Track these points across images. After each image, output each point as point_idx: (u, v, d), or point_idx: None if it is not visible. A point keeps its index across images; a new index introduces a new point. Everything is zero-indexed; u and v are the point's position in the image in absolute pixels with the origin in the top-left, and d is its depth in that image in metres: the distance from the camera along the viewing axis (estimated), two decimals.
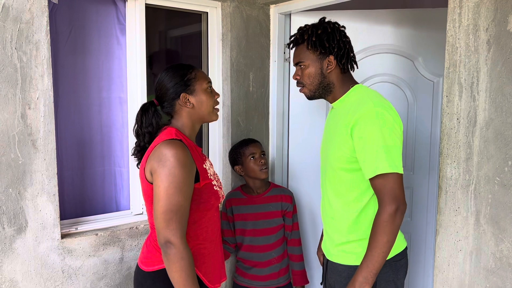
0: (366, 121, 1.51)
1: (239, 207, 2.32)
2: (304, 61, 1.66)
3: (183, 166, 1.46)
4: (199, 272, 1.60)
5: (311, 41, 1.63)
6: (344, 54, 1.64)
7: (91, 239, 1.95)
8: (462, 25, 1.56)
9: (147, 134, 1.63)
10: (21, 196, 1.74)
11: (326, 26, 1.65)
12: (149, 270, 1.59)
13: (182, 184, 1.45)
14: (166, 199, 1.44)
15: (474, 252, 1.58)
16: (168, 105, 1.64)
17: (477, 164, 1.55)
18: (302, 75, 1.68)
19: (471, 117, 1.56)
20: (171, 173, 1.44)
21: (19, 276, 1.77)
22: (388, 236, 1.48)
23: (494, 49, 1.48)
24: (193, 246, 1.57)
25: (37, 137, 1.76)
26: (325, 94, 1.70)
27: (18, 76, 1.70)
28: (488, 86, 1.50)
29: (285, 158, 2.62)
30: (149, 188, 1.54)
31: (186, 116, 1.63)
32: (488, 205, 1.53)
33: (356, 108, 1.56)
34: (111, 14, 2.15)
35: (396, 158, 1.50)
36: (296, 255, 2.36)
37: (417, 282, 2.52)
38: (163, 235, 1.44)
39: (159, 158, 1.47)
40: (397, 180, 1.49)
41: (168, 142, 1.50)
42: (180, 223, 1.45)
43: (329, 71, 1.64)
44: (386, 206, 1.48)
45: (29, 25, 1.72)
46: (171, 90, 1.61)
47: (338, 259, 1.70)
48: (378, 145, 1.48)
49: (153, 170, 1.49)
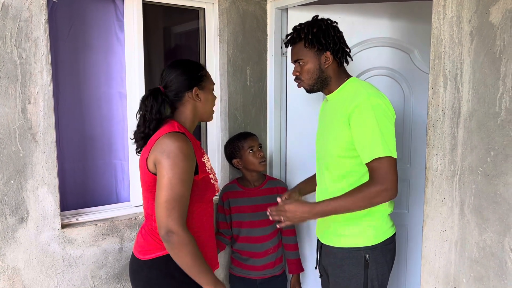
0: (362, 110, 1.61)
1: (236, 200, 2.36)
2: (302, 58, 1.74)
3: (187, 158, 1.52)
4: None
5: (308, 39, 1.71)
6: (340, 48, 1.74)
7: (90, 229, 2.02)
8: (446, 17, 1.57)
9: (154, 121, 1.62)
10: (22, 187, 1.82)
11: (320, 24, 1.73)
12: (145, 258, 1.64)
13: (185, 175, 1.51)
14: (169, 189, 1.49)
15: (459, 242, 1.60)
16: (175, 95, 1.65)
17: (461, 155, 1.57)
18: (301, 71, 1.77)
19: (455, 108, 1.57)
20: (175, 164, 1.50)
21: (21, 264, 1.85)
22: (360, 203, 1.61)
23: (477, 40, 1.49)
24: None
25: (37, 131, 1.84)
26: (322, 88, 1.79)
27: (18, 72, 1.77)
28: (471, 77, 1.51)
29: (283, 151, 2.66)
30: (150, 178, 1.59)
31: (190, 109, 1.68)
32: (472, 195, 1.55)
33: (352, 99, 1.65)
34: (110, 11, 2.21)
35: (390, 143, 1.60)
36: (292, 244, 2.43)
37: (414, 273, 2.53)
38: (164, 224, 1.49)
39: (163, 150, 1.52)
40: (391, 163, 1.59)
41: (172, 134, 1.55)
42: (181, 212, 1.50)
43: (327, 66, 1.73)
44: (376, 184, 1.58)
45: (28, 22, 1.79)
46: (185, 81, 1.65)
47: (331, 242, 1.79)
48: (374, 132, 1.59)
49: (157, 161, 1.53)
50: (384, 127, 1.59)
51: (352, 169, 1.71)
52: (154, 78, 2.42)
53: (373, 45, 2.44)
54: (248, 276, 2.36)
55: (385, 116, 1.61)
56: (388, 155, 1.58)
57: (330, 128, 1.77)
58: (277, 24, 2.52)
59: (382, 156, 1.58)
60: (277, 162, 2.64)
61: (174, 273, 1.60)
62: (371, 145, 1.59)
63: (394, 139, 1.62)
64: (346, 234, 1.74)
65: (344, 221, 1.74)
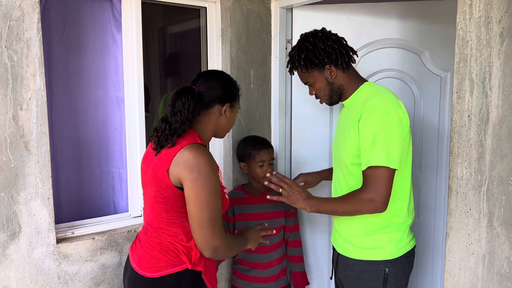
0: (368, 115, 1.58)
1: (241, 207, 2.26)
2: (309, 81, 1.77)
3: (215, 172, 1.49)
4: (205, 277, 1.57)
5: (302, 65, 1.73)
6: (338, 56, 1.70)
7: (87, 244, 1.89)
8: (473, 17, 1.48)
9: (187, 122, 1.51)
10: (13, 201, 1.68)
11: (306, 45, 1.71)
12: (154, 276, 1.52)
13: (217, 190, 1.49)
14: (209, 207, 1.46)
15: (487, 256, 1.51)
16: (206, 103, 1.59)
17: (490, 164, 1.47)
18: (315, 90, 1.79)
19: (483, 114, 1.48)
20: (209, 180, 1.46)
21: (13, 283, 1.72)
22: (347, 207, 1.62)
23: (508, 42, 1.40)
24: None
25: (30, 139, 1.70)
26: (341, 96, 1.79)
27: (8, 76, 1.64)
28: (501, 81, 1.42)
29: (288, 156, 2.55)
30: (171, 191, 1.50)
31: (213, 123, 1.62)
32: (502, 207, 1.45)
33: (363, 104, 1.63)
34: (106, 10, 2.08)
35: (393, 152, 1.55)
36: (297, 256, 2.34)
37: (425, 283, 2.45)
38: (210, 244, 1.48)
39: (191, 165, 1.45)
40: (385, 174, 1.55)
41: (198, 146, 1.49)
42: (220, 225, 1.52)
43: (334, 77, 1.73)
44: (363, 192, 1.58)
45: (20, 22, 1.65)
46: (222, 94, 1.60)
47: (348, 253, 1.75)
48: (374, 139, 1.55)
49: (183, 177, 1.46)
50: (389, 135, 1.55)
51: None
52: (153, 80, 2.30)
53: (382, 46, 2.35)
54: None
55: (393, 123, 1.56)
56: (385, 165, 1.54)
57: (344, 134, 1.74)
58: (282, 24, 2.41)
59: (379, 166, 1.54)
60: (282, 168, 2.53)
61: None
62: (371, 151, 1.56)
63: (399, 149, 1.57)
64: (366, 247, 1.68)
65: (363, 233, 1.69)
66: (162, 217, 1.53)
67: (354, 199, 1.60)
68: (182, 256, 1.52)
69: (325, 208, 1.68)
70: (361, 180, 1.64)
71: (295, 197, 1.71)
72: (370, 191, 1.55)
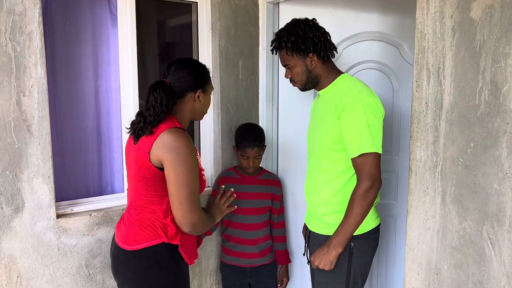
0: (352, 107, 1.69)
1: (232, 186, 2.40)
2: (289, 64, 1.84)
3: (193, 153, 1.61)
4: (182, 250, 1.70)
5: (288, 47, 1.80)
6: (322, 47, 1.80)
7: (85, 219, 2.07)
8: (430, 12, 1.61)
9: (162, 114, 1.61)
10: (17, 178, 1.86)
11: (297, 30, 1.79)
12: (132, 249, 1.67)
13: (195, 170, 1.61)
14: (187, 186, 1.58)
15: (440, 231, 1.66)
16: (179, 92, 1.68)
17: (443, 146, 1.62)
18: (292, 74, 1.87)
19: (438, 101, 1.62)
20: (186, 161, 1.57)
21: (18, 253, 1.90)
22: (362, 208, 1.69)
23: (458, 35, 1.54)
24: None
25: (32, 123, 1.87)
26: (314, 85, 1.89)
27: (12, 65, 1.81)
28: (453, 71, 1.56)
29: (275, 144, 2.70)
30: (151, 171, 1.61)
31: (189, 109, 1.73)
32: (453, 185, 1.60)
33: (344, 95, 1.73)
34: (104, 5, 2.24)
35: (377, 139, 1.68)
36: (281, 236, 2.51)
37: (403, 261, 2.58)
38: (189, 219, 1.60)
39: (170, 146, 1.57)
40: (375, 159, 1.68)
41: (176, 130, 1.60)
42: (198, 203, 1.64)
43: (314, 66, 1.82)
44: (363, 183, 1.68)
45: (22, 16, 1.82)
46: (192, 81, 1.69)
47: (318, 229, 1.88)
48: (363, 129, 1.67)
49: (164, 157, 1.57)
50: (372, 124, 1.67)
51: (339, 161, 1.79)
52: (148, 71, 2.46)
53: (363, 39, 2.48)
54: (238, 263, 2.42)
55: (374, 114, 1.69)
56: (374, 151, 1.67)
57: (322, 122, 1.85)
58: (269, 18, 2.56)
59: (369, 152, 1.66)
60: (269, 155, 2.68)
61: (161, 263, 1.65)
62: (360, 141, 1.67)
63: (381, 136, 1.71)
64: (333, 223, 1.80)
65: (332, 211, 1.81)
66: (142, 195, 1.66)
67: (360, 197, 1.67)
68: (159, 231, 1.65)
69: (346, 229, 1.71)
70: (336, 163, 1.78)
71: (323, 259, 1.75)
72: (367, 180, 1.67)
